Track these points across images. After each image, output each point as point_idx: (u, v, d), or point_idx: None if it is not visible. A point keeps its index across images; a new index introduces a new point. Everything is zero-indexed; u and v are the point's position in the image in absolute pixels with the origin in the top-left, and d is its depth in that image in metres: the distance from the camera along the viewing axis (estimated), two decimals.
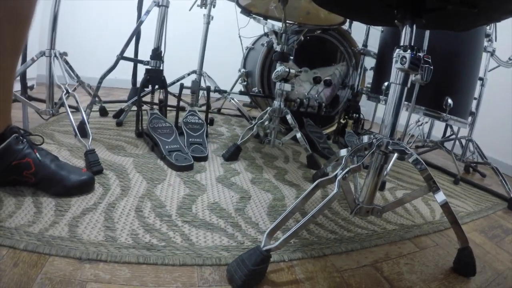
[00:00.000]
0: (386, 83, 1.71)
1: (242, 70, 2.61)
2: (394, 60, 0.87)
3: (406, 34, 0.87)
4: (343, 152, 1.21)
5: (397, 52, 0.86)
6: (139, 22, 1.84)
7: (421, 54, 0.86)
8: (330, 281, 0.82)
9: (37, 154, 0.97)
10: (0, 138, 0.91)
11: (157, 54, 1.72)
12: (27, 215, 0.86)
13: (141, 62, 1.75)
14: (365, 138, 0.96)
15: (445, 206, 0.92)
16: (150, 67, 1.71)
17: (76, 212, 0.91)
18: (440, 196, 0.93)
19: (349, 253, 0.96)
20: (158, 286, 0.70)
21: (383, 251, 1.01)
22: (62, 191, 0.98)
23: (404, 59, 0.84)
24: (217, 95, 2.39)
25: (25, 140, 0.97)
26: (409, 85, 0.89)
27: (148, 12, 1.79)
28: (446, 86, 1.59)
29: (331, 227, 1.09)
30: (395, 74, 0.89)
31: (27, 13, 0.87)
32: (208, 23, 2.23)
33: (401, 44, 0.87)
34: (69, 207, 0.93)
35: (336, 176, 0.87)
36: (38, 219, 0.85)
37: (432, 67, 0.89)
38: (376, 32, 2.14)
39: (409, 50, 0.84)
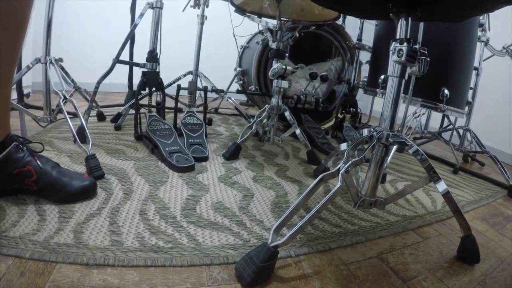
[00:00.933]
0: (382, 76, 1.72)
1: (238, 69, 2.61)
2: (390, 53, 0.88)
3: (402, 27, 0.87)
4: (344, 146, 1.22)
5: (394, 45, 0.87)
6: (134, 25, 1.83)
7: (417, 46, 0.87)
8: (338, 274, 0.83)
9: (38, 161, 0.97)
10: (0, 147, 0.91)
11: (153, 56, 1.72)
12: (31, 224, 0.86)
13: (137, 64, 1.75)
14: (365, 131, 0.97)
15: (446, 195, 0.93)
16: (146, 70, 1.70)
17: (80, 218, 0.91)
18: (442, 186, 0.93)
19: (354, 245, 0.97)
20: (168, 287, 0.71)
21: (388, 242, 1.02)
22: (65, 198, 0.97)
23: (400, 52, 0.85)
24: (214, 95, 2.39)
25: (25, 148, 0.96)
26: (406, 77, 0.90)
27: (142, 14, 1.79)
28: (442, 76, 1.60)
29: (335, 221, 1.09)
30: (392, 67, 0.89)
31: (23, 18, 0.86)
32: (202, 23, 2.23)
33: (397, 37, 0.88)
34: (73, 213, 0.93)
35: (338, 170, 0.88)
36: (43, 227, 0.85)
37: (428, 59, 0.90)
38: (370, 26, 2.15)
39: (405, 43, 0.85)
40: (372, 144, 0.91)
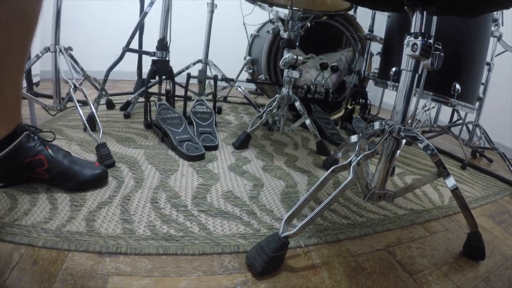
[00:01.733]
0: (393, 69, 1.71)
1: (248, 57, 2.60)
2: (405, 46, 0.87)
3: (416, 21, 0.87)
4: (354, 138, 1.22)
5: (408, 39, 0.86)
6: (144, 13, 1.83)
7: (431, 41, 0.86)
8: (346, 265, 0.84)
9: (49, 150, 0.98)
10: (12, 136, 0.91)
11: (163, 45, 1.72)
12: (43, 212, 0.87)
13: (148, 53, 1.75)
14: (377, 125, 0.97)
15: (455, 191, 0.93)
16: (156, 58, 1.70)
17: (92, 206, 0.93)
18: (451, 181, 0.93)
19: (362, 237, 0.98)
20: (180, 276, 0.72)
21: (395, 235, 1.03)
22: (76, 186, 0.98)
23: (415, 46, 0.84)
24: (223, 83, 2.39)
25: (36, 137, 0.97)
26: (420, 72, 0.89)
27: (152, 3, 1.78)
28: (454, 71, 1.59)
29: (344, 212, 1.10)
30: (406, 61, 0.89)
31: (34, 12, 0.86)
32: (212, 12, 2.22)
33: (411, 30, 0.87)
34: (85, 202, 0.94)
35: (350, 162, 0.88)
36: (55, 215, 0.86)
37: (442, 54, 0.89)
38: (382, 17, 2.13)
39: (420, 37, 0.84)
40: (384, 137, 0.91)
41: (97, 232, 0.82)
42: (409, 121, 1.84)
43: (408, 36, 0.86)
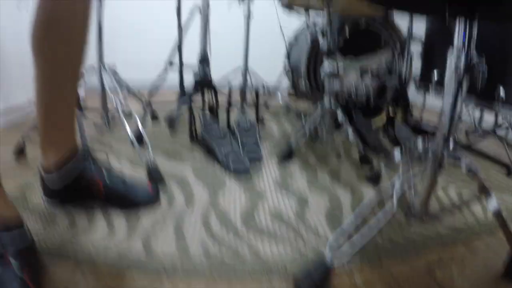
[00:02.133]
0: (435, 71, 1.65)
1: (287, 64, 2.60)
2: (448, 60, 0.85)
3: (460, 32, 0.84)
4: (397, 155, 1.19)
5: (451, 53, 0.84)
6: (182, 27, 1.88)
7: (476, 58, 0.85)
8: (387, 287, 0.85)
9: (103, 171, 1.00)
10: (67, 157, 0.93)
11: (204, 58, 1.77)
12: (100, 230, 0.94)
13: (190, 68, 1.81)
14: (420, 143, 0.95)
15: (496, 214, 0.90)
16: (198, 71, 1.76)
17: (146, 225, 0.99)
18: (493, 203, 0.89)
19: (403, 257, 0.97)
20: None
21: (436, 254, 1.00)
22: (130, 207, 1.04)
23: (459, 62, 0.83)
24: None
25: (90, 158, 1.00)
26: (465, 88, 0.88)
27: (190, 17, 1.83)
28: (497, 74, 1.52)
29: (386, 231, 1.08)
30: (450, 76, 0.87)
31: (80, 30, 0.87)
32: (248, 19, 2.24)
33: (454, 42, 0.84)
34: (139, 220, 1.01)
35: (394, 192, 0.89)
36: (112, 233, 0.93)
37: (486, 72, 0.87)
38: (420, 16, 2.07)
39: (463, 51, 0.83)
40: (427, 160, 0.91)
41: (153, 250, 0.88)
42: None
43: (452, 49, 0.84)
